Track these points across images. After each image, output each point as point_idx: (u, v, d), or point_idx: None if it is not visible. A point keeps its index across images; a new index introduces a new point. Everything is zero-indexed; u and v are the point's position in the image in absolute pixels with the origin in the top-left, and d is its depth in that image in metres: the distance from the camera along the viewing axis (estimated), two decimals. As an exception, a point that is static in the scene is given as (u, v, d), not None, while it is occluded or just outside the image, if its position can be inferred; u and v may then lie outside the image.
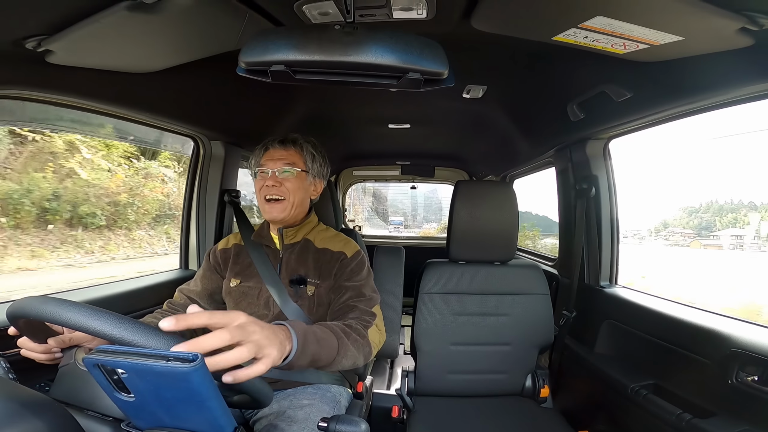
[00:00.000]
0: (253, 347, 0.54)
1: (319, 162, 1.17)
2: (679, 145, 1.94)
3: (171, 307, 1.12)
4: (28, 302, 0.57)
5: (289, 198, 1.09)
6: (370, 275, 1.13)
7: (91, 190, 3.09)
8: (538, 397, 1.35)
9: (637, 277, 1.82)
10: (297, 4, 0.83)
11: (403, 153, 3.04)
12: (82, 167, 2.98)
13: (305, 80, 0.74)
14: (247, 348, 0.54)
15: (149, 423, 0.53)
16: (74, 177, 2.94)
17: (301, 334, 0.70)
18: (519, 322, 1.36)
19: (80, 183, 3.00)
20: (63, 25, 0.74)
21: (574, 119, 1.34)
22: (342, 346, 0.83)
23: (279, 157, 1.10)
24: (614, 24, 0.77)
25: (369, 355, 0.95)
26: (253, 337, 0.56)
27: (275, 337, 0.61)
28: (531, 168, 2.37)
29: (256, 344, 0.55)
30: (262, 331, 0.58)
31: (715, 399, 0.94)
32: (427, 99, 1.69)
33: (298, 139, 1.15)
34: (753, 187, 2.59)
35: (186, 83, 1.18)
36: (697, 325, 1.03)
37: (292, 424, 0.86)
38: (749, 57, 0.79)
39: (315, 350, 0.72)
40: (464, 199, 1.39)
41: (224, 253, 1.20)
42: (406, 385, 1.36)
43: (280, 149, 1.12)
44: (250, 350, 0.54)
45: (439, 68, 0.70)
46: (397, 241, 3.81)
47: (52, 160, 2.81)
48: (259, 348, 0.56)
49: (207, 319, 0.54)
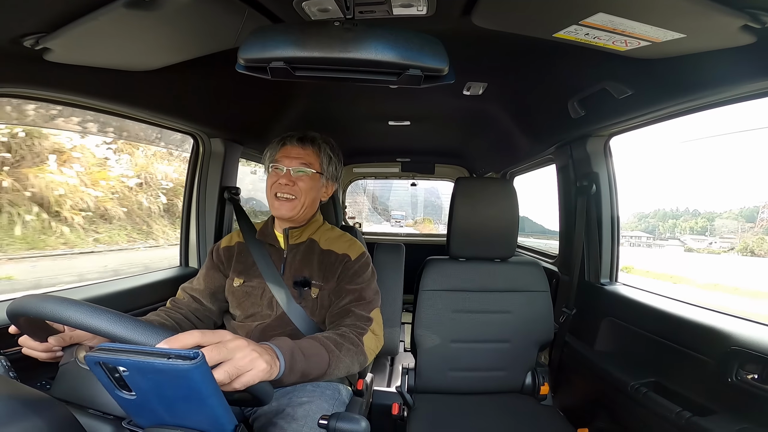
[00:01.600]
0: (232, 369, 0.55)
1: (335, 165, 1.16)
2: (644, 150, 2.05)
3: (174, 305, 1.11)
4: (28, 301, 0.57)
5: (301, 198, 1.08)
6: (374, 276, 1.13)
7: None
8: (538, 394, 1.35)
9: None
10: (296, 1, 0.83)
11: (403, 150, 3.04)
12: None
13: (305, 77, 0.74)
14: (226, 369, 0.55)
15: (150, 421, 0.53)
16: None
17: (288, 354, 0.71)
18: (519, 319, 1.36)
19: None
20: (61, 22, 0.74)
21: (575, 116, 1.34)
22: (333, 358, 0.84)
23: (296, 156, 1.09)
24: (615, 21, 0.76)
25: (364, 362, 0.96)
26: (235, 357, 0.57)
27: (260, 358, 0.61)
28: (531, 165, 2.36)
29: (235, 366, 0.56)
30: (247, 351, 0.59)
31: (715, 397, 0.94)
32: (427, 96, 1.68)
33: (317, 139, 1.13)
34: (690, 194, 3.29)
35: (185, 81, 1.18)
36: (697, 322, 1.03)
37: (292, 421, 0.86)
38: (751, 54, 0.79)
39: (303, 368, 0.74)
40: (464, 196, 1.39)
41: (227, 251, 1.20)
42: (406, 383, 1.37)
43: (298, 147, 1.10)
44: (229, 373, 0.55)
45: (440, 65, 0.70)
46: (397, 238, 3.81)
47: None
48: (237, 370, 0.56)
49: (199, 337, 0.55)
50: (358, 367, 0.94)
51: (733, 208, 3.03)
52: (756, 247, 2.82)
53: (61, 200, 3.27)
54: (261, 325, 1.06)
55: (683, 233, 3.26)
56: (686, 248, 3.18)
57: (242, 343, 0.59)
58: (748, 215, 2.91)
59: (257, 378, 0.59)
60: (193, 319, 1.10)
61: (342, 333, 0.93)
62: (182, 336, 0.53)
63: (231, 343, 0.57)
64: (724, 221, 3.10)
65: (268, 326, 1.06)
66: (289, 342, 0.75)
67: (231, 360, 0.56)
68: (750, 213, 2.92)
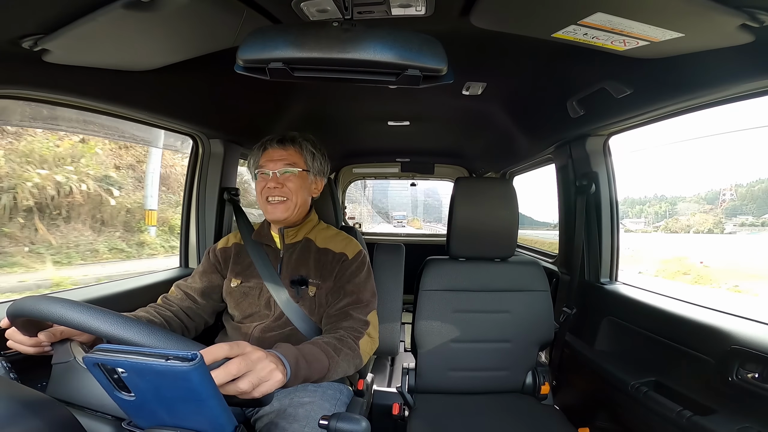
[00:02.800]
0: (255, 380, 0.59)
1: (320, 160, 1.17)
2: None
3: (166, 302, 1.10)
4: (29, 302, 0.57)
5: (292, 198, 1.09)
6: (370, 276, 1.13)
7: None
8: (538, 394, 1.35)
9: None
10: (295, 2, 0.83)
11: (402, 150, 3.04)
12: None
13: (304, 77, 0.74)
14: (250, 380, 0.58)
15: (150, 422, 0.53)
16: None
17: (293, 362, 0.73)
18: (519, 319, 1.36)
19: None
20: (59, 24, 0.74)
21: (574, 116, 1.34)
22: (333, 363, 0.85)
23: (279, 158, 1.10)
24: (614, 21, 0.76)
25: (359, 365, 0.98)
26: (257, 368, 0.61)
27: (277, 369, 0.64)
28: (531, 164, 2.37)
29: (258, 377, 0.60)
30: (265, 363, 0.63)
31: (715, 396, 0.94)
32: (426, 96, 1.68)
33: (296, 138, 1.14)
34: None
35: (184, 81, 1.18)
36: (697, 321, 1.03)
37: (293, 422, 0.86)
38: (749, 53, 0.79)
39: (306, 373, 0.76)
40: (464, 195, 1.39)
41: (224, 252, 1.20)
42: (406, 383, 1.37)
43: (279, 149, 1.11)
44: (252, 383, 0.59)
45: (438, 65, 0.70)
46: (397, 239, 3.82)
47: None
48: (259, 380, 0.60)
49: (228, 350, 0.58)
50: (354, 369, 0.96)
51: (700, 193, 3.82)
52: (672, 225, 3.93)
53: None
54: (260, 326, 1.06)
55: (645, 216, 4.22)
56: (626, 229, 3.77)
57: (262, 354, 0.63)
58: (711, 198, 3.62)
59: (274, 387, 0.63)
60: (182, 317, 1.08)
61: (340, 337, 0.94)
62: (213, 348, 0.56)
63: (253, 355, 0.61)
64: (687, 204, 3.87)
65: (267, 326, 1.06)
66: (292, 349, 0.76)
67: (254, 371, 0.59)
68: (713, 196, 3.61)
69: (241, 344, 0.61)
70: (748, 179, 3.39)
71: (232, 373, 0.56)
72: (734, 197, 3.40)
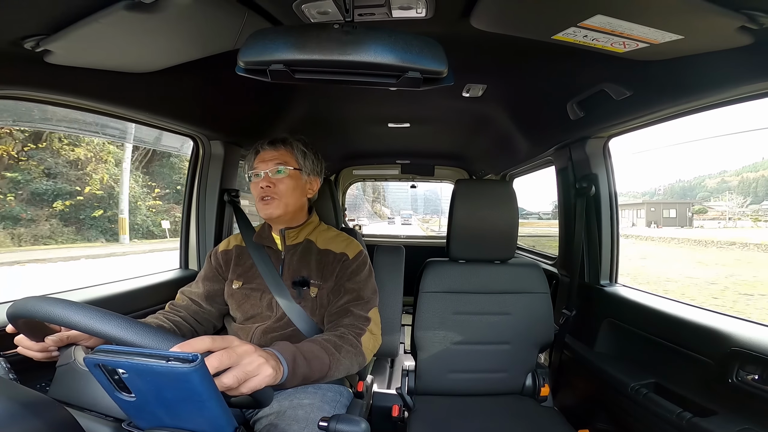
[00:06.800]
0: (241, 374, 0.57)
1: (312, 159, 1.17)
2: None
3: (173, 308, 1.11)
4: (30, 303, 0.57)
5: (283, 198, 1.10)
6: (371, 275, 1.13)
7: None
8: (538, 396, 1.35)
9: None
10: (296, 4, 0.83)
11: (402, 152, 3.04)
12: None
13: (304, 79, 0.74)
14: (234, 374, 0.56)
15: (150, 423, 0.53)
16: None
17: (291, 359, 0.72)
18: (519, 321, 1.36)
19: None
20: (61, 24, 0.74)
21: (574, 118, 1.34)
22: (333, 361, 0.85)
23: (270, 158, 1.10)
24: (614, 23, 0.77)
25: (363, 362, 0.97)
26: (243, 362, 0.58)
27: (266, 363, 0.62)
28: (531, 167, 2.37)
29: (243, 371, 0.58)
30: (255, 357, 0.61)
31: (715, 398, 0.94)
32: (426, 98, 1.69)
33: (287, 138, 1.15)
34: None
35: (185, 83, 1.18)
36: (697, 323, 1.03)
37: (293, 423, 0.86)
38: (749, 55, 0.79)
39: (305, 372, 0.75)
40: (464, 197, 1.39)
41: (225, 254, 1.20)
42: (406, 384, 1.36)
43: (271, 150, 1.12)
44: (238, 377, 0.56)
45: (439, 67, 0.70)
46: (397, 240, 3.81)
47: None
48: (245, 375, 0.58)
49: (210, 343, 0.56)
50: (357, 367, 0.95)
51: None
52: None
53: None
54: (262, 327, 1.06)
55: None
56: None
57: (249, 348, 0.61)
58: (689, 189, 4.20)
59: (263, 383, 0.60)
60: (191, 321, 1.10)
61: (341, 334, 0.94)
62: (193, 341, 0.54)
63: (239, 349, 0.59)
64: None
65: (269, 328, 1.06)
66: (290, 347, 0.76)
67: (239, 365, 0.57)
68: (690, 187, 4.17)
69: (227, 338, 0.60)
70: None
71: (214, 366, 0.53)
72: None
